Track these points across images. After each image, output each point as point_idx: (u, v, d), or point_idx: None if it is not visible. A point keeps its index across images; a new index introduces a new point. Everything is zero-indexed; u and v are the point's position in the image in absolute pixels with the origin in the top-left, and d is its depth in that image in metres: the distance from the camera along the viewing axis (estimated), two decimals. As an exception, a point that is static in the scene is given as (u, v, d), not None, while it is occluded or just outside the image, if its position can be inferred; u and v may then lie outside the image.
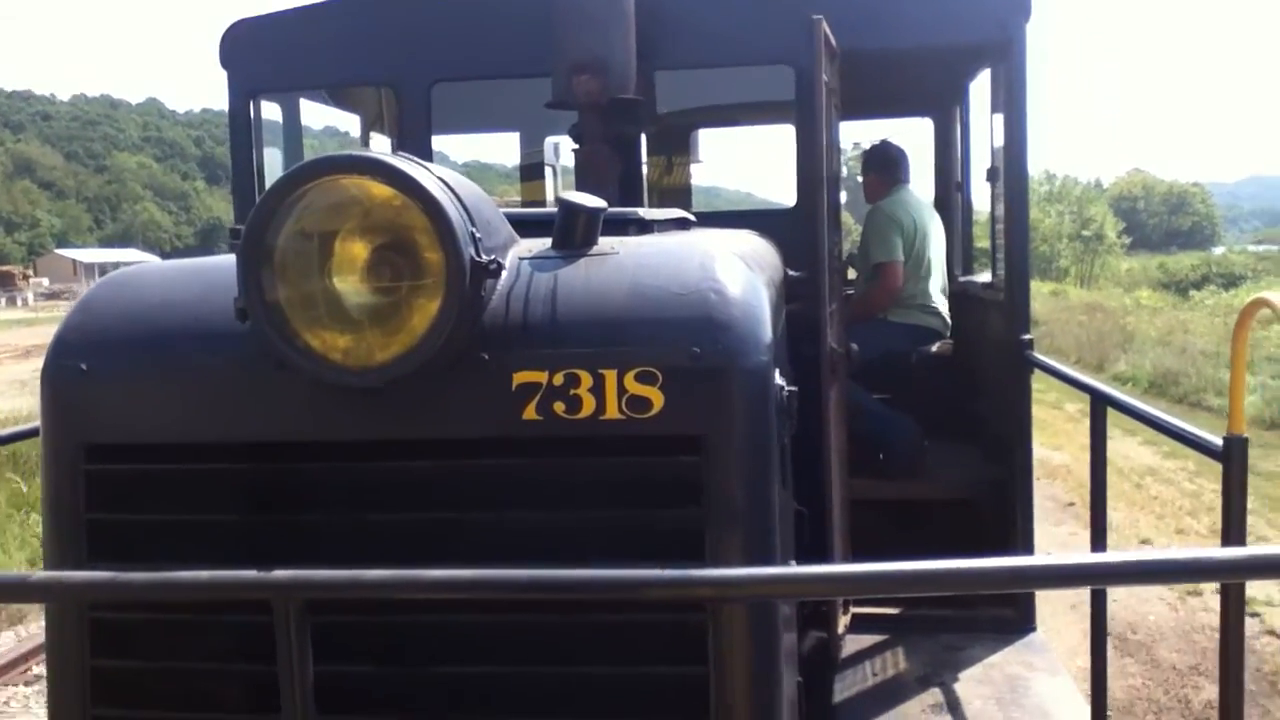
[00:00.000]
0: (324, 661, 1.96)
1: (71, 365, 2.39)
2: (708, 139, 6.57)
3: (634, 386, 2.14)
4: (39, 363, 2.54)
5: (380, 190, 2.13)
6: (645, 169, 4.89)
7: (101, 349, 2.40)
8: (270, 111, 5.13)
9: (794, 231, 4.09)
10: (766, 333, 2.23)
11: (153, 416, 2.36)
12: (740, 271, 2.30)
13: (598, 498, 2.17)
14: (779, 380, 2.28)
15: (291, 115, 5.31)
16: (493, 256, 2.17)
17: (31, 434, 3.06)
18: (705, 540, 2.13)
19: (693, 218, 3.85)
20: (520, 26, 4.36)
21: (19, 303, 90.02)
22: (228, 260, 2.40)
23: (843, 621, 4.03)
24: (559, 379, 2.16)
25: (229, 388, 2.31)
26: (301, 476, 2.29)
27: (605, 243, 2.40)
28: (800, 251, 3.98)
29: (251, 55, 4.75)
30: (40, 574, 2.07)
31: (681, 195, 6.25)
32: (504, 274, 2.24)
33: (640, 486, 2.15)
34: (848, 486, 4.27)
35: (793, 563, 2.48)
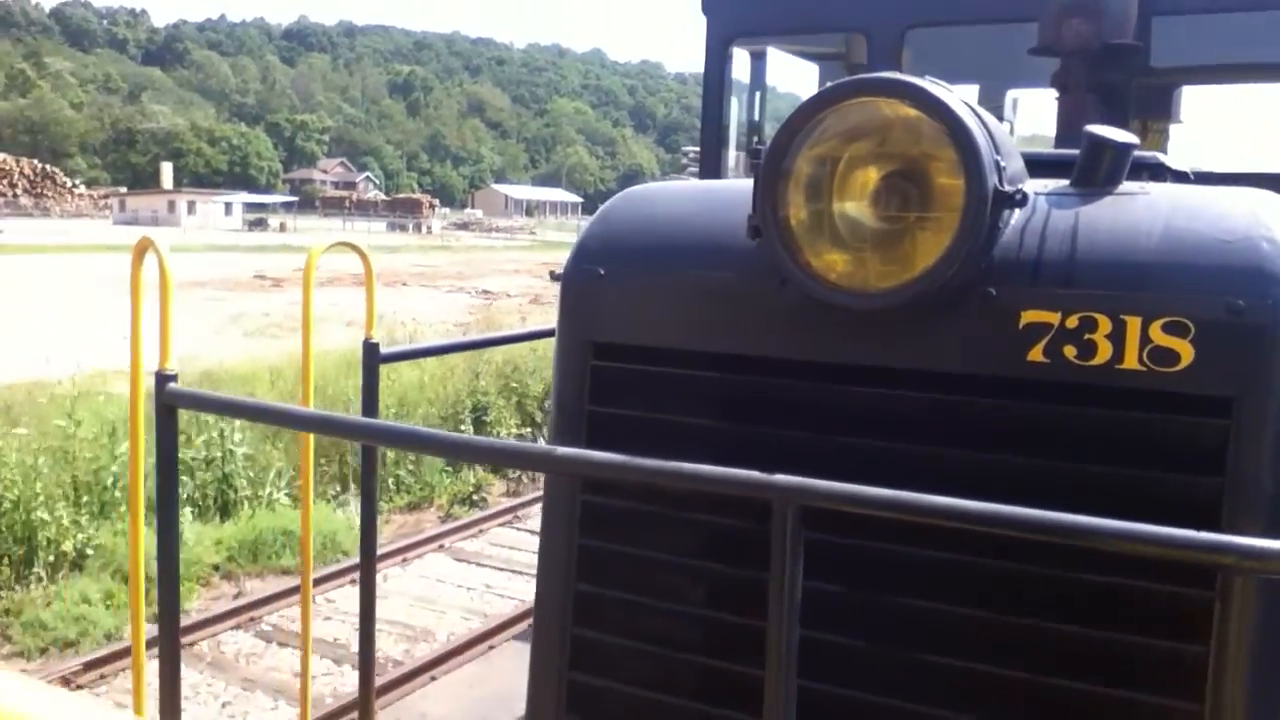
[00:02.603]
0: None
1: (590, 269, 2.63)
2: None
3: (1159, 337, 2.01)
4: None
5: (905, 112, 2.15)
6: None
7: (617, 256, 2.62)
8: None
9: None
10: None
11: (657, 322, 2.53)
12: None
13: (1104, 452, 2.07)
14: None
15: (759, 67, 5.45)
16: (1017, 187, 2.13)
17: (549, 333, 3.33)
18: (1222, 513, 1.99)
19: (1190, 173, 3.61)
20: None
21: (424, 230, 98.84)
22: (735, 183, 2.58)
23: None
24: (1072, 321, 2.08)
25: (731, 302, 2.43)
26: (790, 394, 2.37)
27: (1131, 184, 2.26)
28: None
29: (730, 2, 4.94)
30: (565, 450, 2.24)
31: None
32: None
33: (1154, 446, 2.04)
34: None
35: None
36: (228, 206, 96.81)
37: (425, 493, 13.10)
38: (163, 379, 2.60)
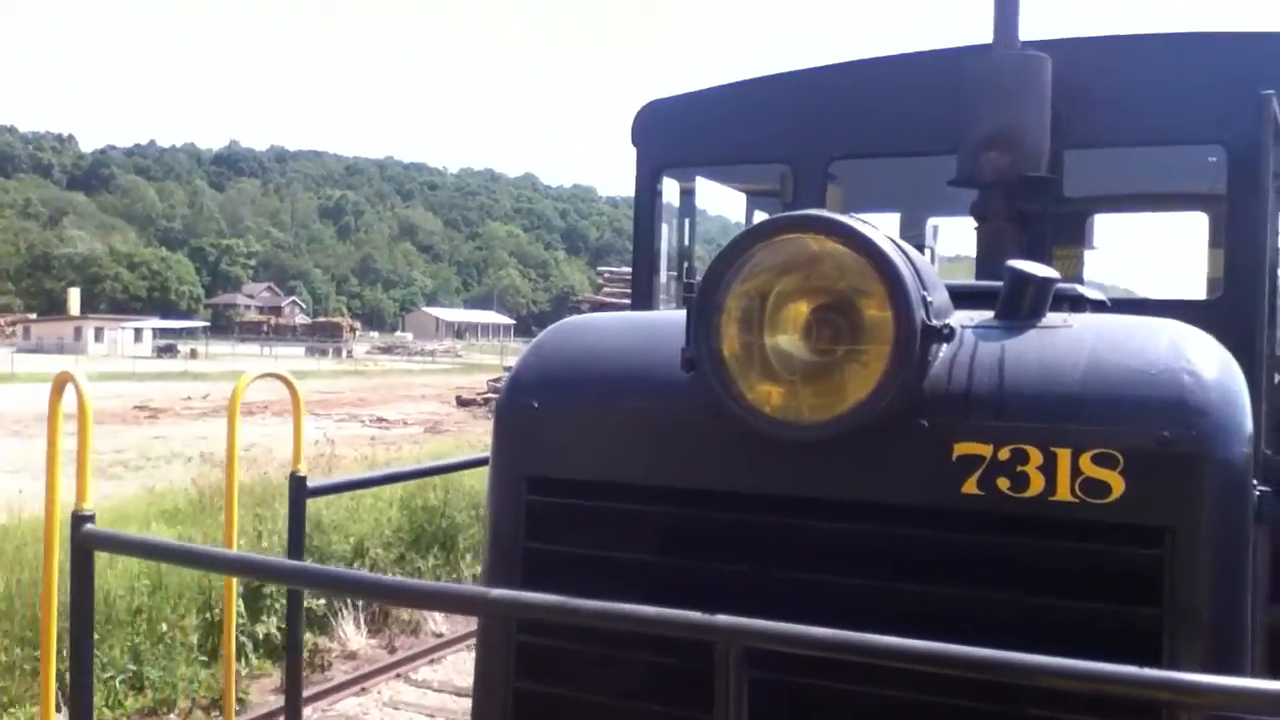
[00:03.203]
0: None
1: (524, 402, 2.66)
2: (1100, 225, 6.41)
3: (1090, 469, 2.08)
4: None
5: (832, 247, 2.23)
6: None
7: (551, 388, 2.65)
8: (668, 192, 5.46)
9: (1212, 326, 3.59)
10: (1246, 421, 2.11)
11: (592, 455, 2.56)
12: (1215, 353, 2.20)
13: (1042, 583, 2.10)
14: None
15: (688, 197, 5.65)
16: (945, 321, 2.20)
17: (480, 462, 3.38)
18: (1163, 643, 2.02)
19: (1107, 302, 3.70)
20: (921, 104, 4.37)
21: (345, 354, 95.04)
22: (667, 315, 2.73)
23: None
24: (1005, 454, 2.14)
25: (666, 434, 2.47)
26: (727, 527, 2.39)
27: (1054, 316, 2.35)
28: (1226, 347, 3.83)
29: (659, 134, 5.06)
30: (499, 592, 2.28)
31: (1073, 282, 5.87)
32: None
33: (1089, 576, 2.07)
34: None
35: None
36: (137, 332, 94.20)
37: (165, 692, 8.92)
38: (79, 519, 2.58)
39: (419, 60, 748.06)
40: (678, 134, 5.04)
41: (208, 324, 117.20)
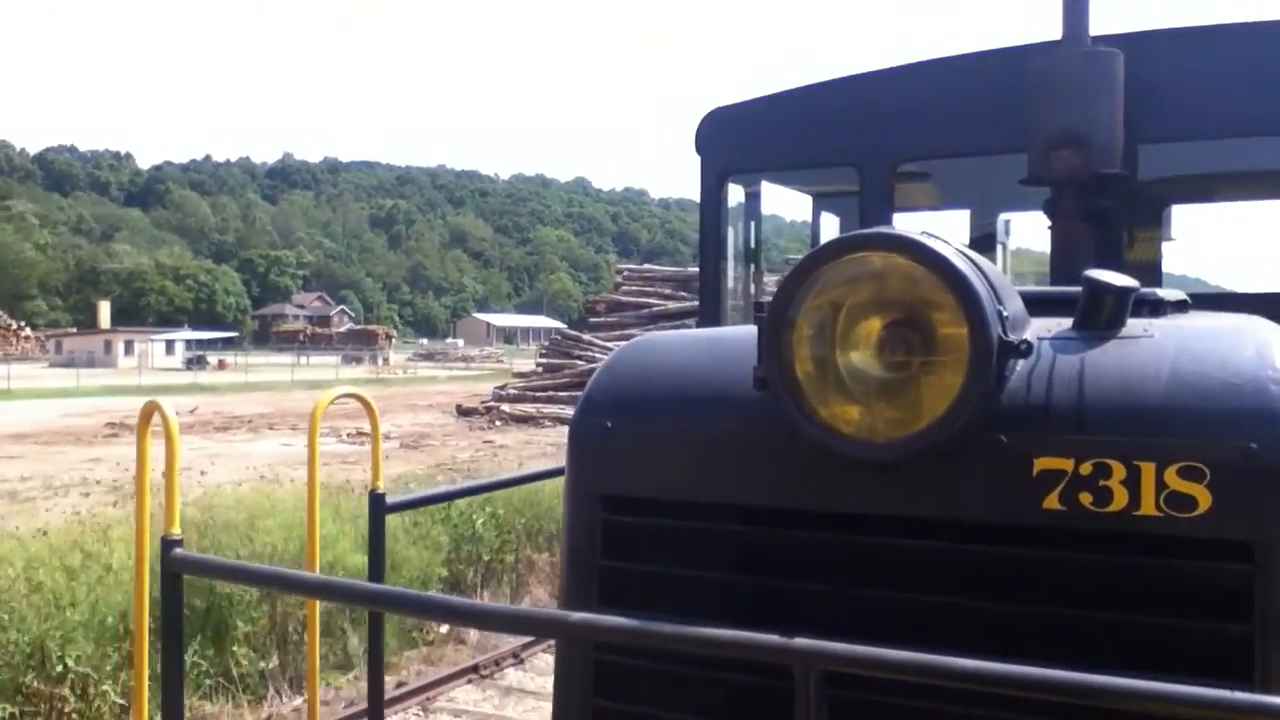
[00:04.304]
0: None
1: (597, 422, 2.68)
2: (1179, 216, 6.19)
3: (1175, 482, 2.05)
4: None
5: (901, 264, 2.20)
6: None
7: (625, 408, 2.67)
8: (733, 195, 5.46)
9: None
10: None
11: (666, 474, 2.57)
12: None
13: (1125, 600, 2.08)
14: None
15: (753, 199, 5.57)
16: (1022, 336, 2.19)
17: (559, 472, 3.36)
18: (1255, 661, 1.98)
19: (1188, 300, 3.56)
20: (988, 103, 4.35)
21: (381, 361, 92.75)
22: (739, 331, 2.71)
23: None
24: (1086, 468, 2.11)
25: (739, 453, 2.47)
26: (802, 545, 2.39)
27: (1134, 324, 2.33)
28: None
29: (724, 140, 5.04)
30: (579, 616, 2.38)
31: (1151, 276, 5.65)
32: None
33: (1176, 592, 2.04)
34: None
35: None
36: (169, 344, 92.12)
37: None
38: (168, 544, 2.63)
39: (472, 69, 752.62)
40: (743, 140, 5.00)
41: (235, 335, 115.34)
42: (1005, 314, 2.15)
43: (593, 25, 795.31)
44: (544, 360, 36.79)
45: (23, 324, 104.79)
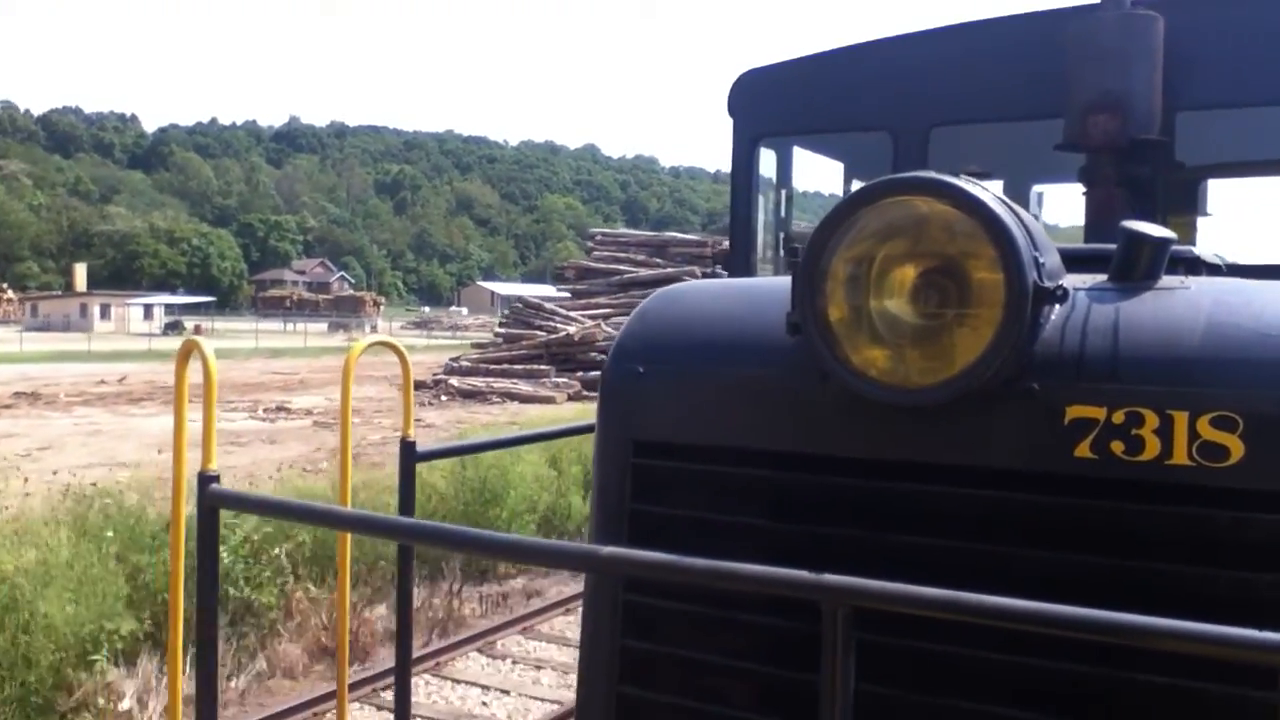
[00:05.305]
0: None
1: (629, 368, 2.68)
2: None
3: (1208, 432, 2.04)
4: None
5: (941, 210, 2.20)
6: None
7: (656, 354, 2.67)
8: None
9: None
10: None
11: (697, 419, 2.57)
12: None
13: (1155, 548, 2.09)
14: None
15: (784, 163, 5.49)
16: (1058, 282, 2.19)
17: (587, 429, 3.50)
18: None
19: (1224, 266, 3.52)
20: (1023, 67, 4.27)
21: (368, 329, 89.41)
22: (770, 281, 2.77)
23: None
24: (1119, 417, 2.11)
25: (771, 398, 2.47)
26: (832, 490, 2.40)
27: (1170, 279, 2.32)
28: None
29: (756, 102, 4.99)
30: (611, 550, 2.26)
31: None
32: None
33: (1209, 542, 2.05)
34: None
35: None
36: (147, 309, 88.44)
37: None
38: (205, 479, 2.66)
39: (482, 34, 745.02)
40: (776, 103, 4.96)
41: (213, 299, 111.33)
42: (1042, 261, 2.16)
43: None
44: (502, 330, 33.05)
45: (3, 285, 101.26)
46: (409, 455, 3.72)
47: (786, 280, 2.37)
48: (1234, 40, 4.01)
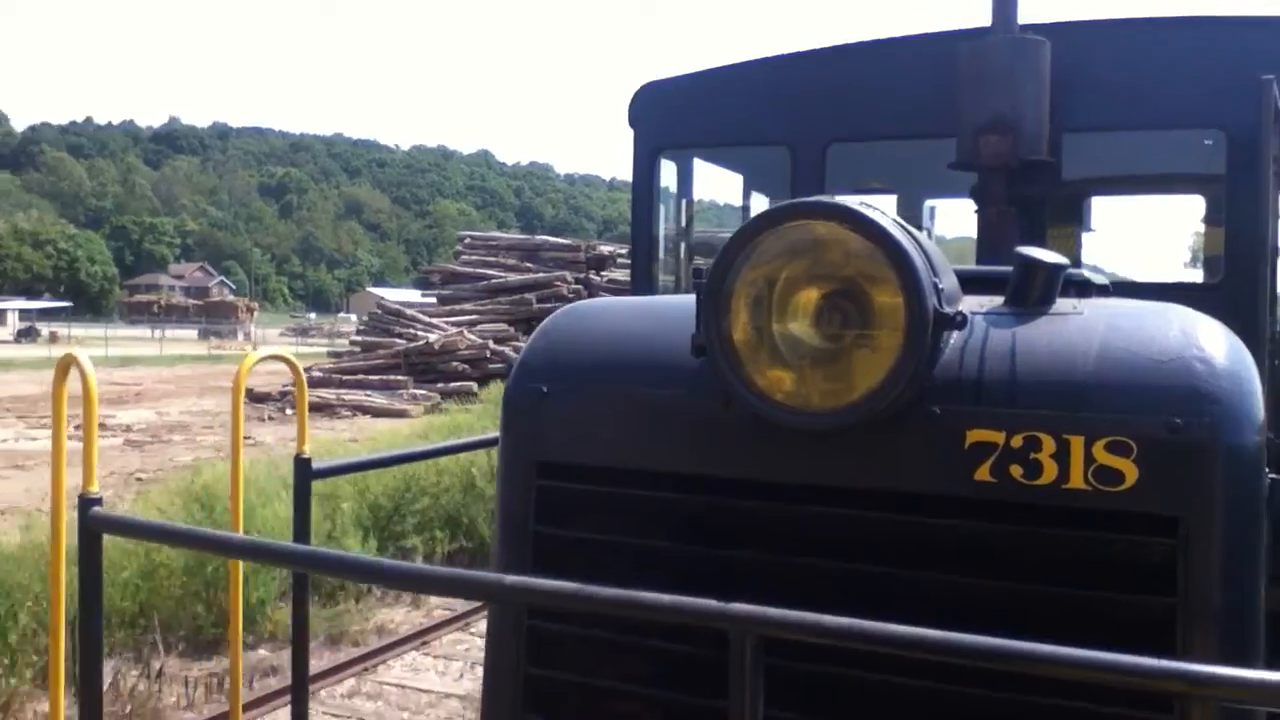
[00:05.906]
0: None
1: (532, 387, 2.64)
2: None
3: (1103, 456, 2.08)
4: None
5: (839, 233, 2.21)
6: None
7: (561, 373, 2.63)
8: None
9: (1214, 310, 3.24)
10: (1258, 409, 2.12)
11: (601, 441, 2.55)
12: (1225, 340, 2.21)
13: (1055, 572, 2.12)
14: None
15: (685, 175, 5.53)
16: (957, 308, 2.21)
17: (490, 443, 3.42)
18: (1177, 633, 2.04)
19: (1110, 286, 3.64)
20: (919, 87, 4.38)
21: (241, 336, 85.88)
22: (676, 299, 2.72)
23: None
24: (1017, 441, 2.14)
25: (675, 420, 2.46)
26: (737, 513, 2.40)
27: (1064, 302, 2.37)
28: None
29: (657, 115, 5.02)
30: (514, 579, 2.23)
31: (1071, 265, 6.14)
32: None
33: (1104, 565, 2.09)
34: None
35: None
36: (0, 314, 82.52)
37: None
38: (87, 502, 2.57)
39: (372, 36, 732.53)
40: (676, 115, 4.99)
41: (70, 305, 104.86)
42: (941, 286, 2.18)
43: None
44: (359, 339, 30.61)
45: None
46: (304, 473, 3.67)
47: (692, 299, 2.37)
48: (1117, 66, 4.15)
